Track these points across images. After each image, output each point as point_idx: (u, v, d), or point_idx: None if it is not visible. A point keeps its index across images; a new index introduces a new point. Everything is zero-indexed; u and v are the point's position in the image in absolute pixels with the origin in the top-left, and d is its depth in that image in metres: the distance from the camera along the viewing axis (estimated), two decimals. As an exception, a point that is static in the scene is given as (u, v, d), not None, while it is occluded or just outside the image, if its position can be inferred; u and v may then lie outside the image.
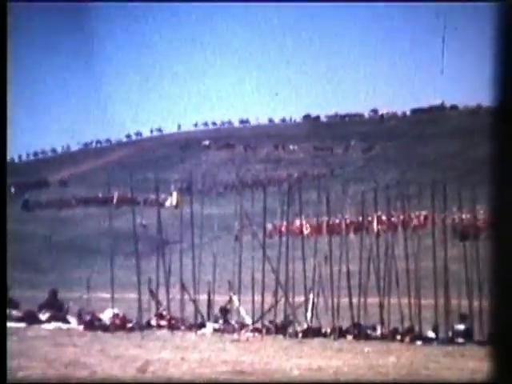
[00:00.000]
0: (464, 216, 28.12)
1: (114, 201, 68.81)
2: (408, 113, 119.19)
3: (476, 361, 16.60)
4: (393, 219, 29.38)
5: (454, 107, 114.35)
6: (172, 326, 22.08)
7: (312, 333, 20.86)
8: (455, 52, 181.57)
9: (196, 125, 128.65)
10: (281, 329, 21.41)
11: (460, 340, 19.24)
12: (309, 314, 22.43)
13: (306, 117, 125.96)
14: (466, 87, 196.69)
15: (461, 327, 19.68)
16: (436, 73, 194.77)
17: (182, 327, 22.18)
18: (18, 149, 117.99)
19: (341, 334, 20.60)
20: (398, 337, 19.98)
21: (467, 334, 19.47)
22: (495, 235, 4.77)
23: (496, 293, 4.75)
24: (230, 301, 23.44)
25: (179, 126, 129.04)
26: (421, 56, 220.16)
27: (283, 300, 22.51)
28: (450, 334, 19.70)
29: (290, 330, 21.36)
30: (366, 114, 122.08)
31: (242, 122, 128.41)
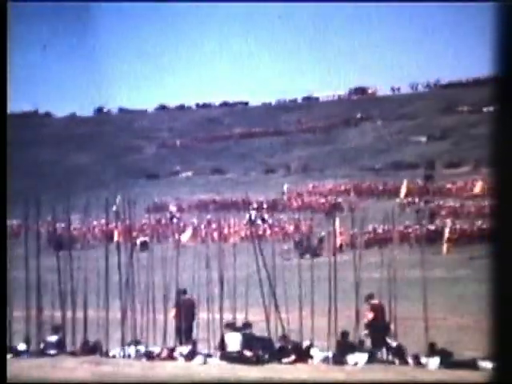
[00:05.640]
0: (58, 225, 27.66)
1: None
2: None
3: (67, 371, 16.34)
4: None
5: (48, 114, 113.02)
6: None
7: None
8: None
9: None
10: None
11: (52, 351, 18.72)
12: None
13: None
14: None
15: (53, 338, 19.17)
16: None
17: None
18: None
19: None
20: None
21: (59, 346, 19.02)
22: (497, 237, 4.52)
23: (496, 296, 4.50)
24: None
25: None
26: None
27: None
28: (42, 345, 19.09)
29: None
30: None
31: None
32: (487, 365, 17.25)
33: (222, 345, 18.39)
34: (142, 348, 18.95)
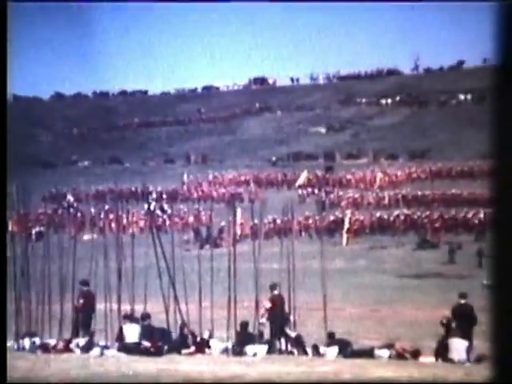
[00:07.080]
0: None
1: None
2: None
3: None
4: None
5: None
6: None
7: None
8: None
9: None
10: None
11: None
12: None
13: None
14: None
15: None
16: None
17: None
18: None
19: None
20: None
21: None
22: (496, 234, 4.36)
23: (496, 296, 4.34)
24: None
25: None
26: None
27: None
28: None
29: None
30: None
31: None
32: (383, 353, 17.53)
33: (120, 336, 18.09)
34: (37, 340, 18.47)
